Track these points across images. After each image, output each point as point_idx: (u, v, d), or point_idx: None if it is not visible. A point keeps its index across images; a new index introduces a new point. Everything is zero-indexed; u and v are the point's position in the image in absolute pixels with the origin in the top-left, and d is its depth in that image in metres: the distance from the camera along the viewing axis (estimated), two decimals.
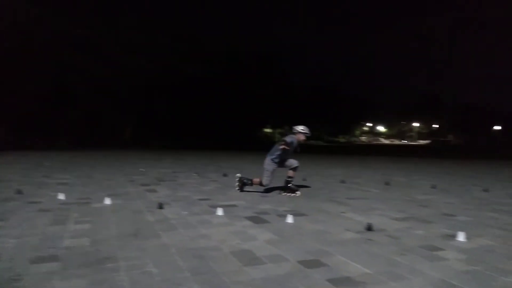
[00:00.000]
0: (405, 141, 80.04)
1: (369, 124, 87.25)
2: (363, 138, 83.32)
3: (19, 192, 5.79)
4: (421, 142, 75.30)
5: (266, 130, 62.37)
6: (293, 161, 6.31)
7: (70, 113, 27.18)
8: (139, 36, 30.88)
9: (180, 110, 35.18)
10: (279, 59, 57.20)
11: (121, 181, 7.73)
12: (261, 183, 6.26)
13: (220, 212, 4.63)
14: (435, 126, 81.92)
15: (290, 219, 4.33)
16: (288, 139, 6.08)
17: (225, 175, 8.97)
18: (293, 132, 6.36)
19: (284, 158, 6.26)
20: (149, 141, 30.34)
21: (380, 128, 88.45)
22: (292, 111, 51.40)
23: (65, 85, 26.64)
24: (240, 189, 6.45)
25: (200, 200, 5.66)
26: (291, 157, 6.33)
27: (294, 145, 6.19)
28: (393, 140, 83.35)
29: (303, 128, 6.30)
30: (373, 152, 30.01)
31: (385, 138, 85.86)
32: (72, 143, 24.39)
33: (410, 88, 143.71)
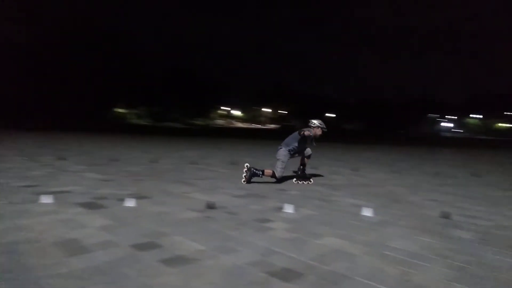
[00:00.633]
0: (258, 125, 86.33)
1: (226, 108, 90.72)
2: (220, 122, 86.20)
3: None
4: (271, 126, 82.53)
5: (119, 110, 58.24)
6: (308, 150, 6.32)
7: None
8: None
9: (7, 84, 29.60)
10: (130, 36, 53.70)
11: None
12: (274, 175, 5.97)
13: (46, 199, 4.06)
14: (283, 112, 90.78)
15: (130, 202, 4.11)
16: (307, 132, 5.87)
17: (63, 159, 7.97)
18: (310, 126, 6.19)
19: (299, 150, 6.19)
20: None
21: (236, 112, 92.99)
22: (147, 91, 49.25)
23: None
24: (247, 181, 5.93)
25: (25, 187, 4.86)
26: (304, 149, 6.27)
27: (310, 139, 6.09)
28: (247, 124, 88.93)
29: (321, 123, 6.22)
30: (227, 134, 31.36)
31: (240, 122, 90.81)
32: None
33: (264, 76, 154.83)
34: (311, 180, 6.35)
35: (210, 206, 4.11)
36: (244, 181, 5.93)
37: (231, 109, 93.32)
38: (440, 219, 4.05)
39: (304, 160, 6.36)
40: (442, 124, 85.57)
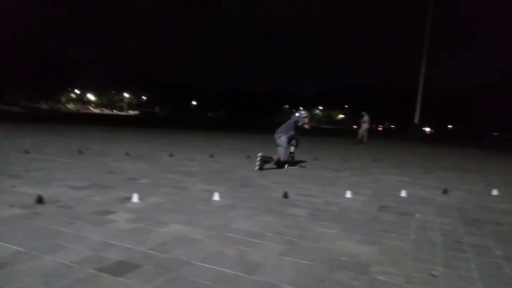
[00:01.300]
0: (116, 111, 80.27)
1: (77, 92, 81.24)
2: (70, 106, 76.88)
3: None
4: (131, 112, 77.76)
5: None
6: (296, 140, 7.49)
7: None
8: None
9: None
10: None
11: None
12: (279, 159, 7.03)
13: None
14: (144, 98, 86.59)
15: None
16: (301, 121, 7.18)
17: None
18: (299, 116, 7.30)
19: (294, 137, 7.36)
20: None
21: (90, 96, 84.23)
22: None
23: None
24: (260, 167, 6.73)
25: None
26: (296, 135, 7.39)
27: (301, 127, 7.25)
28: (103, 109, 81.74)
29: (308, 113, 7.45)
30: (77, 120, 28.18)
31: (94, 107, 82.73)
32: None
33: (125, 60, 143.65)
34: (298, 166, 7.57)
35: (40, 201, 3.56)
36: (257, 168, 6.71)
37: (86, 93, 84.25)
38: (281, 199, 4.43)
39: (292, 148, 7.47)
40: (296, 114, 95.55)
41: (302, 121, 7.23)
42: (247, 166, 7.19)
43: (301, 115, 7.32)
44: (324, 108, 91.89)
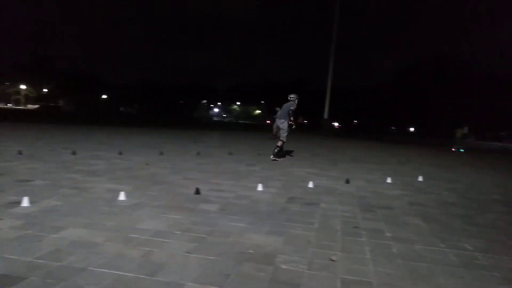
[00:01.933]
0: (10, 105, 71.16)
1: None
2: None
3: None
4: (30, 106, 69.59)
5: None
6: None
7: None
8: None
9: None
10: None
11: None
12: (283, 143, 8.48)
13: None
14: (45, 90, 78.23)
15: None
16: (293, 108, 8.24)
17: None
18: (291, 100, 8.33)
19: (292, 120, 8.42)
20: None
21: None
22: None
23: None
24: (276, 157, 8.28)
25: None
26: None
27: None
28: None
29: (296, 96, 8.42)
30: None
31: None
32: None
33: (20, 48, 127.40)
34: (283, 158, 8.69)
35: None
36: (281, 159, 8.47)
37: None
38: (193, 196, 4.34)
39: (280, 142, 8.44)
40: (215, 109, 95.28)
41: (294, 106, 8.35)
42: (160, 163, 6.93)
43: (291, 98, 8.38)
44: (242, 103, 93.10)
